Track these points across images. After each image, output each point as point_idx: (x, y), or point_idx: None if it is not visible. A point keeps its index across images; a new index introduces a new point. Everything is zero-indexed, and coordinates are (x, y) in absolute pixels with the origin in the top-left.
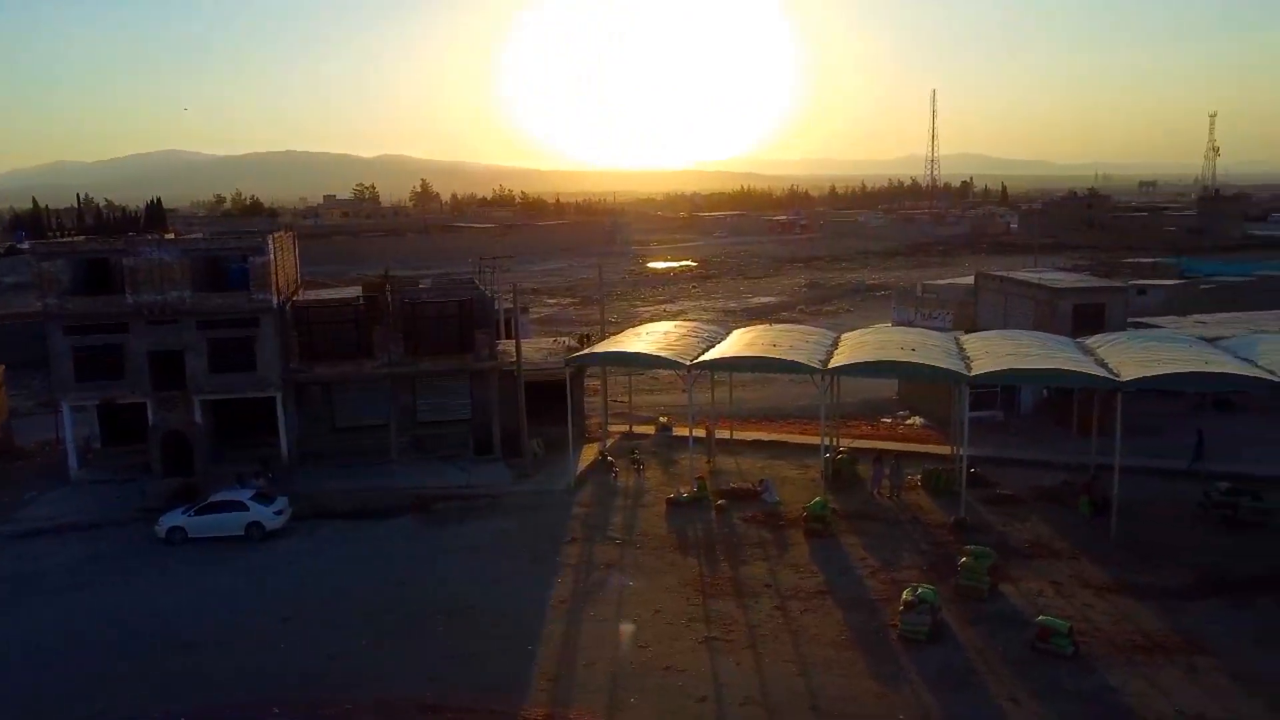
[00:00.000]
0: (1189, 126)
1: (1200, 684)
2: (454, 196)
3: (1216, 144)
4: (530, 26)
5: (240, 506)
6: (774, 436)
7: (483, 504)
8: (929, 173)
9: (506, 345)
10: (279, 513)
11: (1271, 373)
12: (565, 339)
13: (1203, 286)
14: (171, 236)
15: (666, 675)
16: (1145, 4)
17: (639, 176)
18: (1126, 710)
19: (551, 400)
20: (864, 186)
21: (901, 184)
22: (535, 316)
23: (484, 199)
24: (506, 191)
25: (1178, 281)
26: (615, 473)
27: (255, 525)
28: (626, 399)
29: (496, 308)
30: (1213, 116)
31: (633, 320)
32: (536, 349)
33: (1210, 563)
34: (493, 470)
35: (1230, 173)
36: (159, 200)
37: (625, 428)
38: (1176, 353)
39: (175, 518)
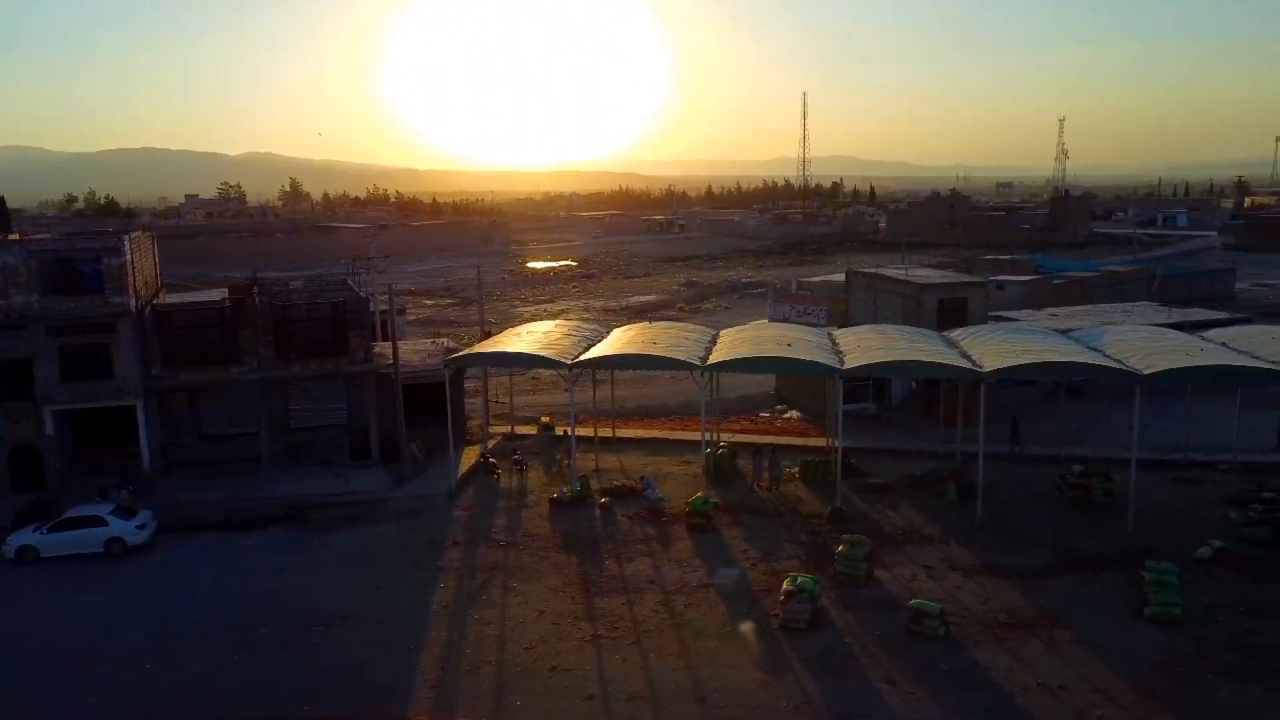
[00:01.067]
0: (1042, 130)
1: (1060, 656)
2: (326, 196)
3: (1066, 147)
4: (408, 22)
5: (99, 522)
6: (655, 434)
7: (361, 511)
8: (801, 173)
9: (383, 347)
10: (141, 527)
11: (1119, 361)
12: (444, 340)
13: (1055, 281)
14: (16, 237)
15: (553, 675)
16: (1002, 14)
17: (517, 175)
18: (994, 685)
19: (430, 403)
20: (739, 187)
21: (775, 185)
22: (413, 318)
23: (357, 198)
24: (381, 191)
25: (1033, 277)
26: (497, 474)
27: (115, 541)
28: (508, 400)
29: (371, 309)
30: (1062, 121)
31: (513, 320)
32: (414, 350)
33: (1066, 542)
34: (371, 476)
35: (1079, 174)
36: (1, 199)
37: (507, 429)
38: (1033, 344)
39: (25, 536)
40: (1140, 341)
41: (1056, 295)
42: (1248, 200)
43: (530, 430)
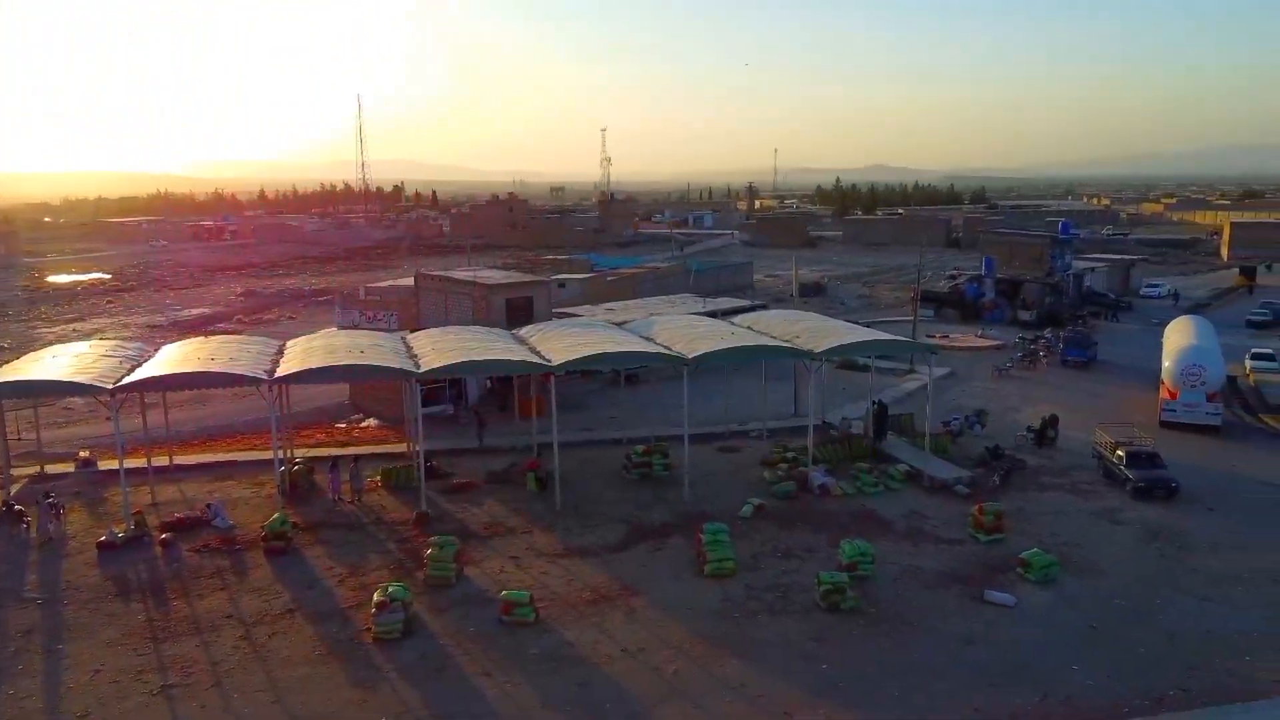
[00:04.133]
0: (588, 140)
1: (638, 621)
2: None
3: (609, 155)
4: None
5: None
6: (221, 456)
7: None
8: (361, 177)
9: None
10: None
11: (667, 348)
12: None
13: (609, 279)
14: None
15: None
16: (553, 29)
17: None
18: (583, 660)
19: None
20: (295, 190)
21: (334, 188)
22: None
23: None
24: None
25: (589, 275)
26: (26, 523)
27: None
28: (34, 436)
29: None
30: (604, 131)
31: (33, 344)
32: None
33: (635, 516)
34: None
35: (621, 180)
36: None
37: (35, 469)
38: (595, 337)
39: None
40: (684, 329)
41: (611, 291)
42: (757, 203)
43: (65, 468)
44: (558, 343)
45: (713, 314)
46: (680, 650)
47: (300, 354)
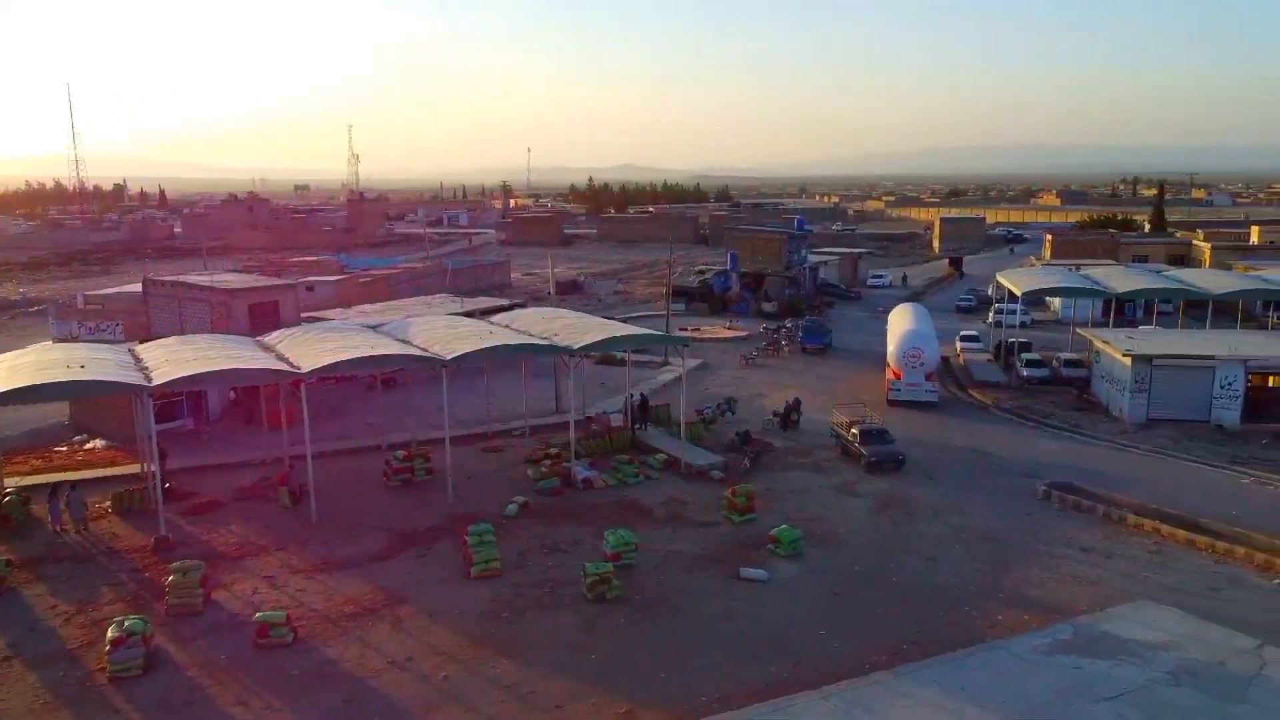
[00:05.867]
0: (334, 136)
1: (405, 630)
2: None
3: (356, 152)
4: None
5: None
6: None
7: None
8: (75, 173)
9: None
10: None
11: (425, 349)
12: None
13: (361, 280)
14: None
15: None
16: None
17: None
18: (348, 675)
19: None
20: None
21: (43, 186)
22: None
23: None
24: None
25: (340, 277)
26: None
27: None
28: None
29: None
30: (350, 128)
31: None
32: None
33: (398, 523)
34: None
35: (371, 178)
36: None
37: None
38: (349, 341)
39: None
40: (442, 330)
41: (365, 293)
42: (513, 202)
43: None
44: (308, 348)
45: (471, 314)
46: (450, 656)
47: (7, 372)
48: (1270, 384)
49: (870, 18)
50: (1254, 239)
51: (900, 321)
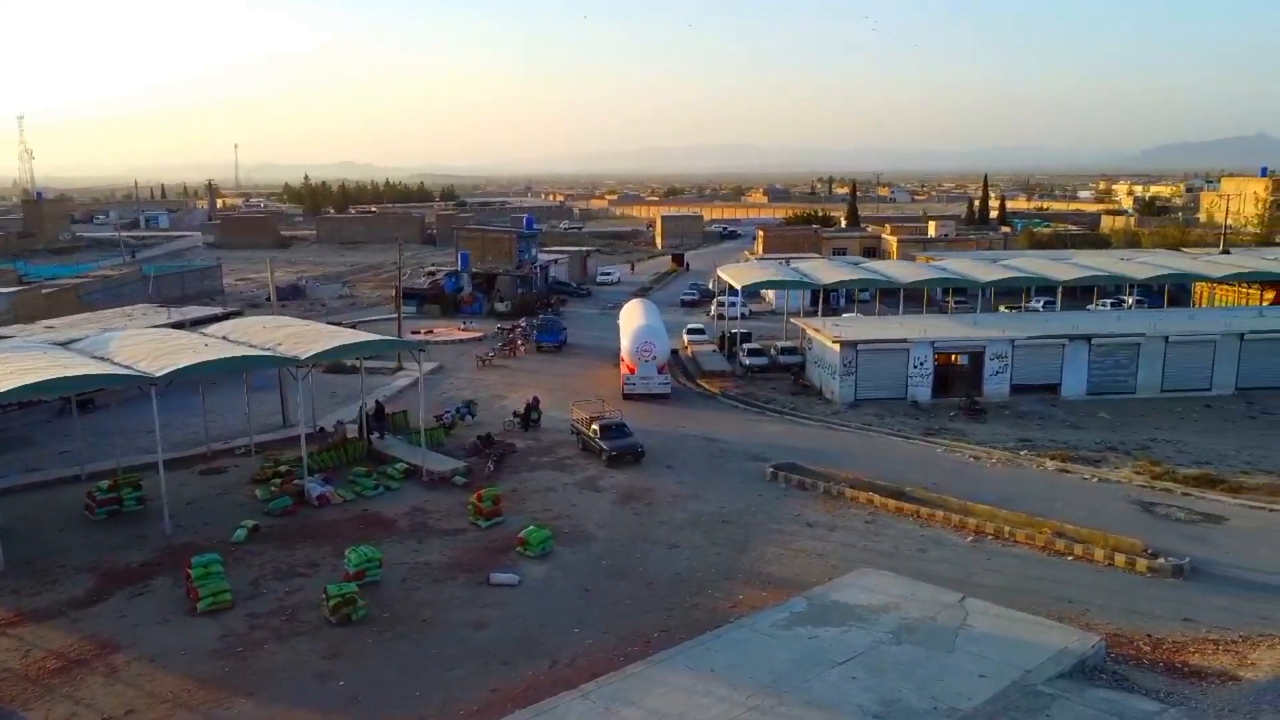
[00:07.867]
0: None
1: (123, 680)
2: None
3: (30, 147)
4: None
5: None
6: None
7: None
8: None
9: None
10: None
11: (129, 366)
12: None
13: (45, 291)
14: None
15: None
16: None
17: None
18: None
19: None
20: None
21: None
22: None
23: None
24: None
25: (19, 288)
26: None
27: None
28: None
29: None
30: (21, 119)
31: None
32: None
33: (105, 561)
34: None
35: (50, 176)
36: None
37: None
38: (31, 361)
39: None
40: (149, 344)
41: (50, 305)
42: (220, 202)
43: None
44: None
45: (179, 325)
46: (177, 702)
47: None
48: (954, 361)
49: (591, 20)
50: (931, 232)
51: (632, 317)
